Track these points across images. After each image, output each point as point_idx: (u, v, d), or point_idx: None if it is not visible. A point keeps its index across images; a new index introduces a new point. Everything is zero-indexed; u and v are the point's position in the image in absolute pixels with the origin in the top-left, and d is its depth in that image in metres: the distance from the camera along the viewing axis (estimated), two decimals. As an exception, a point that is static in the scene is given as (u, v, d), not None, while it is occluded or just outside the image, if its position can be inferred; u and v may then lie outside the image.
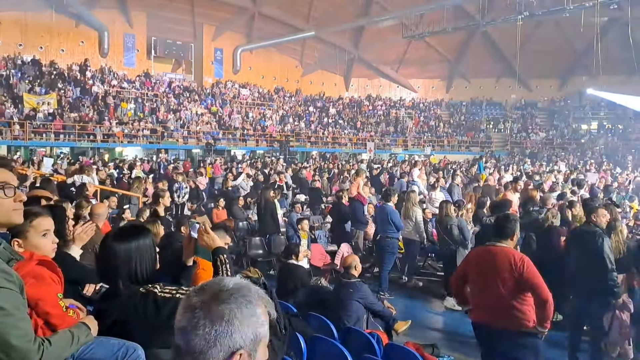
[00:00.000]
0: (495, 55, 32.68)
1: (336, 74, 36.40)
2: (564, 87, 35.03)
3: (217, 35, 31.46)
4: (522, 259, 3.83)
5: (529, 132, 32.96)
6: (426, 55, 33.95)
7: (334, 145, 29.94)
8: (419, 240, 8.62)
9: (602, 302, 5.17)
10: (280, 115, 30.65)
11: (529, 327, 3.76)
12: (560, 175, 15.14)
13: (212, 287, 1.14)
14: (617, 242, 6.10)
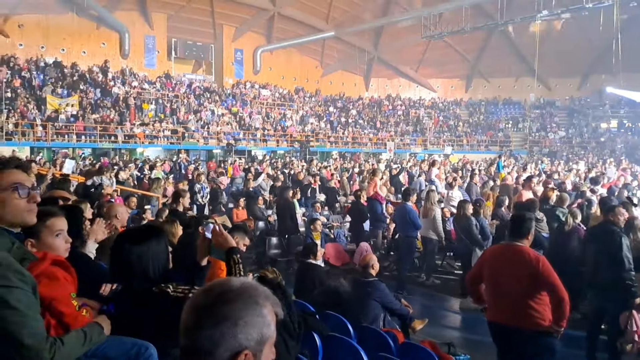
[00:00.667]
0: (514, 55, 32.39)
1: (356, 74, 36.44)
2: (584, 86, 34.57)
3: (237, 36, 31.78)
4: (537, 257, 3.85)
5: (548, 131, 32.61)
6: (445, 55, 33.82)
7: (354, 145, 30.03)
8: (437, 239, 8.67)
9: (620, 301, 5.18)
10: (300, 116, 30.85)
11: (545, 326, 3.77)
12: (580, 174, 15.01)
13: (218, 288, 1.13)
14: (636, 241, 6.09)
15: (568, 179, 12.57)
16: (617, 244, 5.23)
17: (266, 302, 1.13)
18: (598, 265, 5.43)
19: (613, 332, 5.27)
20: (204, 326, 1.08)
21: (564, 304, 3.75)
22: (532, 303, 3.79)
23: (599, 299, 5.42)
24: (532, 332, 3.80)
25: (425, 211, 8.74)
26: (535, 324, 3.78)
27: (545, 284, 3.77)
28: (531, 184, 10.28)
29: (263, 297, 1.13)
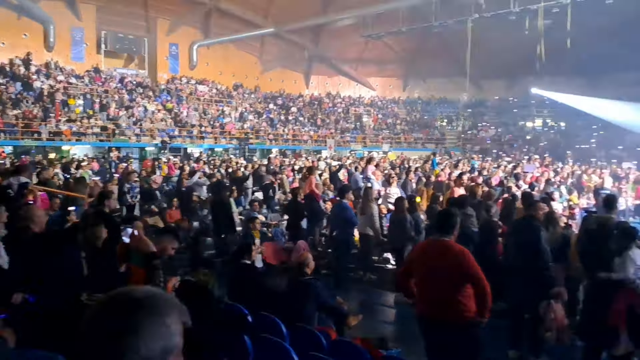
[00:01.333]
0: (448, 56, 33.48)
1: (296, 72, 36.44)
2: (512, 87, 36.34)
3: (172, 30, 30.85)
4: (462, 251, 3.98)
5: (480, 129, 34.08)
6: (383, 55, 34.52)
7: (295, 142, 30.00)
8: (375, 235, 8.82)
9: (540, 291, 5.48)
10: (239, 113, 30.43)
11: (470, 317, 3.91)
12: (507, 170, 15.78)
13: (120, 297, 1.08)
14: (555, 234, 6.47)
15: (496, 175, 13.17)
16: (536, 237, 5.52)
17: (171, 312, 1.08)
18: (519, 257, 5.72)
19: (534, 321, 5.57)
20: (105, 338, 1.03)
21: (486, 296, 3.90)
22: (458, 296, 3.90)
23: (521, 289, 5.70)
24: (458, 324, 3.92)
25: (362, 208, 8.87)
26: (461, 316, 3.90)
27: (470, 277, 3.90)
28: (462, 181, 10.67)
29: (168, 306, 1.09)
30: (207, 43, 31.58)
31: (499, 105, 36.84)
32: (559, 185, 14.23)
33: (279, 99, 34.32)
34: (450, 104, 36.99)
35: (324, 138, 29.89)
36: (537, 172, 16.29)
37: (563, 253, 6.35)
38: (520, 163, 19.67)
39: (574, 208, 11.29)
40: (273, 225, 10.12)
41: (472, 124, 34.95)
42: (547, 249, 5.58)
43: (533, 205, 6.02)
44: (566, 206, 11.33)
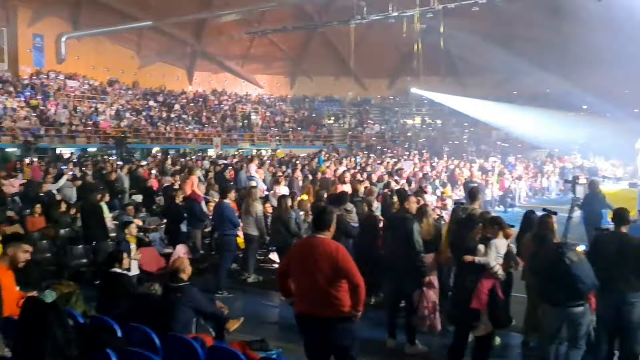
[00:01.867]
0: (333, 55, 34.40)
1: (178, 67, 34.95)
2: (393, 86, 38.36)
3: (35, 20, 27.94)
4: (337, 247, 4.03)
5: (365, 126, 35.45)
6: (270, 52, 34.46)
7: (178, 141, 28.78)
8: (260, 235, 8.70)
9: (413, 281, 5.76)
10: (115, 110, 28.44)
11: (345, 312, 3.97)
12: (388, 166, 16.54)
13: None
14: (427, 226, 6.81)
15: (378, 171, 13.71)
16: (410, 230, 5.78)
17: None
18: (394, 250, 5.95)
19: (408, 310, 5.83)
20: None
21: (359, 290, 3.98)
22: (333, 291, 3.95)
23: (396, 280, 5.94)
24: (334, 319, 3.97)
25: (246, 208, 8.70)
26: (337, 310, 3.95)
27: (344, 272, 3.95)
28: (345, 177, 10.93)
29: None
30: (76, 35, 28.95)
31: (382, 104, 38.66)
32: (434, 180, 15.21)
33: (160, 95, 32.68)
34: (337, 102, 38.04)
35: (209, 136, 29.07)
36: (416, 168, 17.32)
37: (435, 243, 6.71)
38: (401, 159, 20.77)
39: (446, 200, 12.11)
40: (151, 230, 9.55)
41: (358, 122, 36.25)
42: (420, 240, 5.85)
43: (406, 200, 6.29)
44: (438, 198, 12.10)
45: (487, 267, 5.27)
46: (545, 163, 24.79)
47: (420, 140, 33.11)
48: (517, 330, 6.03)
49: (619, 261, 4.96)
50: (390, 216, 6.94)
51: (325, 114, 36.56)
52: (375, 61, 33.32)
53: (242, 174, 12.17)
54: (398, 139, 34.04)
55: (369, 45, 31.24)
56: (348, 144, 32.89)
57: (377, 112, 38.11)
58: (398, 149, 29.66)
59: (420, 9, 25.18)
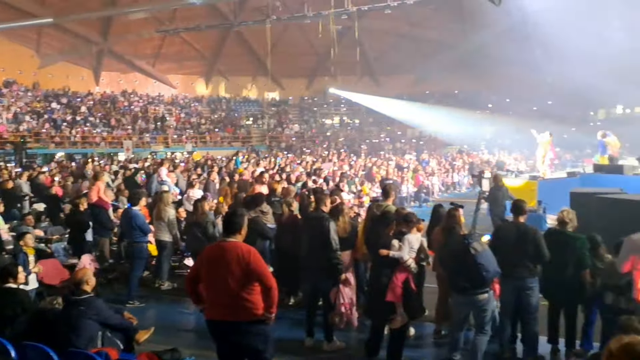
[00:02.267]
0: (250, 55, 34.05)
1: (83, 67, 32.85)
2: (311, 86, 38.69)
3: None
4: (249, 250, 3.97)
5: (284, 127, 35.41)
6: (183, 51, 33.35)
7: (85, 145, 27.07)
8: (173, 241, 8.39)
9: (330, 279, 5.78)
10: (12, 113, 26.21)
11: (259, 315, 3.94)
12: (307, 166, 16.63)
13: None
14: (344, 224, 6.87)
15: (297, 172, 13.72)
16: (326, 229, 5.81)
17: None
18: (311, 249, 5.95)
19: (326, 308, 5.85)
20: None
21: (272, 292, 3.96)
22: (245, 295, 3.90)
23: (313, 279, 5.94)
24: (247, 323, 3.92)
25: (158, 213, 8.36)
26: (250, 314, 3.91)
27: (256, 274, 3.91)
28: (263, 178, 10.80)
29: None
30: (-34, 31, 26.44)
31: (301, 104, 38.85)
32: (352, 178, 15.50)
33: (64, 97, 30.56)
34: (255, 103, 37.69)
35: (119, 140, 27.65)
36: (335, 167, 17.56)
37: (351, 240, 6.79)
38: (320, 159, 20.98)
39: (364, 198, 12.39)
40: (54, 240, 8.87)
41: (277, 122, 36.14)
42: (336, 238, 5.89)
43: (322, 199, 6.31)
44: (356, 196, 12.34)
45: (401, 261, 5.42)
46: (456, 159, 26.17)
47: (339, 140, 33.64)
48: (430, 319, 6.25)
49: (518, 249, 5.29)
50: (306, 216, 6.94)
51: (243, 114, 36.06)
52: (293, 61, 33.44)
53: (154, 178, 11.66)
54: (317, 138, 34.36)
55: (285, 45, 31.28)
56: (267, 144, 32.70)
57: (296, 112, 38.23)
58: (318, 148, 29.92)
59: (335, 10, 25.62)
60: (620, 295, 4.90)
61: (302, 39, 31.93)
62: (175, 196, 10.56)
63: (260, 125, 35.55)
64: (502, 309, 5.49)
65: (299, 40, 31.97)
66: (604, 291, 5.04)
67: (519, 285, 5.30)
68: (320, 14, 25.92)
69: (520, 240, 5.32)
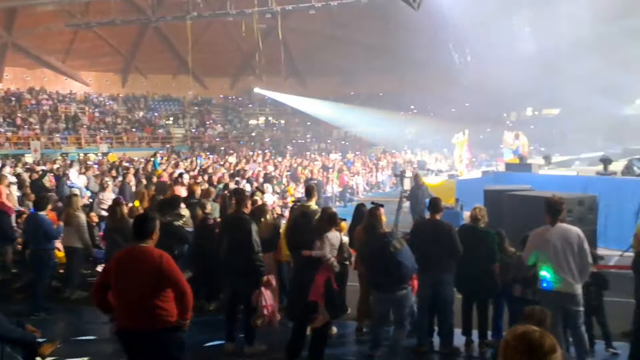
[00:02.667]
0: (170, 52, 32.89)
1: (-17, 62, 30.19)
2: (235, 85, 38.06)
3: None
4: (161, 256, 3.82)
5: (207, 127, 34.54)
6: (97, 47, 31.43)
7: (-14, 146, 24.90)
8: (84, 247, 7.89)
9: (251, 282, 5.66)
10: None
11: (173, 322, 3.80)
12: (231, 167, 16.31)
13: None
14: (265, 225, 6.79)
15: (219, 173, 13.40)
16: (247, 230, 5.69)
17: None
18: (232, 251, 5.80)
19: (247, 311, 5.73)
20: None
21: (186, 297, 3.84)
22: (158, 302, 3.75)
23: (234, 282, 5.79)
24: (160, 331, 3.77)
25: (67, 218, 7.83)
26: (163, 321, 3.77)
27: (169, 280, 3.78)
28: (183, 180, 10.46)
29: None
30: None
31: (224, 104, 38.11)
32: (278, 179, 15.41)
33: (-42, 94, 27.95)
34: (176, 102, 36.45)
35: (26, 140, 25.68)
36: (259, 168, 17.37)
37: (273, 242, 6.72)
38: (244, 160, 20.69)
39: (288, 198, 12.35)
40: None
41: (199, 122, 35.17)
42: (258, 240, 5.79)
43: (242, 200, 6.17)
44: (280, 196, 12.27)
45: (323, 259, 5.43)
46: (380, 159, 26.85)
47: (264, 140, 33.36)
48: (352, 318, 6.31)
49: (434, 245, 5.46)
50: (227, 217, 6.77)
51: (163, 114, 34.74)
52: (216, 60, 32.72)
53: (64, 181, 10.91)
54: (242, 139, 33.86)
55: (208, 43, 30.54)
56: (189, 145, 31.70)
57: (219, 112, 37.42)
58: (242, 149, 29.48)
59: (259, 8, 25.39)
60: (527, 287, 5.21)
61: (225, 37, 31.34)
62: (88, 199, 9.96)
63: (182, 125, 34.40)
64: (420, 303, 5.64)
65: (223, 39, 31.35)
66: (513, 283, 5.32)
67: (435, 280, 5.48)
68: (244, 12, 25.62)
69: (436, 237, 5.50)
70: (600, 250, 7.93)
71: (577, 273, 4.70)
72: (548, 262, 4.75)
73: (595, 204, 8.86)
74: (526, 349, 1.66)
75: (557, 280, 4.71)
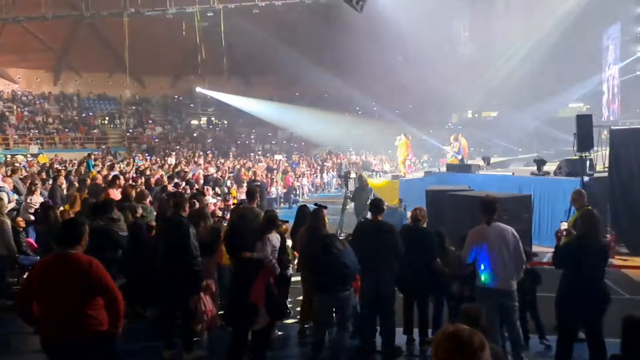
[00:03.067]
0: (106, 49, 31.54)
1: None
2: (176, 85, 36.98)
3: None
4: (90, 262, 3.66)
5: (145, 127, 33.35)
6: (25, 43, 29.57)
7: None
8: (9, 254, 7.39)
9: (190, 287, 5.46)
10: None
11: (104, 330, 3.67)
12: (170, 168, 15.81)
13: None
14: (205, 228, 6.59)
15: (157, 174, 12.93)
16: (185, 234, 5.49)
17: None
18: (169, 255, 5.58)
19: (185, 317, 5.52)
20: None
21: (117, 305, 3.73)
22: (87, 310, 3.61)
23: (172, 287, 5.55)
24: (90, 339, 3.62)
25: (-10, 224, 7.28)
26: (93, 330, 3.62)
27: (99, 288, 3.65)
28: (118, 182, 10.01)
29: None
30: None
31: (165, 103, 36.96)
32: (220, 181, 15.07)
33: None
34: (112, 101, 34.96)
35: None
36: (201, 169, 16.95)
37: (213, 245, 6.52)
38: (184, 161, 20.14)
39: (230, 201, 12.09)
40: None
41: (138, 122, 33.91)
42: (196, 244, 5.60)
43: (180, 203, 5.95)
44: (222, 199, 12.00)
45: (265, 261, 5.33)
46: (326, 160, 26.95)
47: (207, 141, 32.62)
48: (294, 320, 6.22)
49: (376, 246, 5.48)
50: (164, 221, 6.51)
51: (99, 113, 33.20)
52: (155, 58, 31.67)
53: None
54: (183, 140, 32.94)
55: (147, 40, 29.56)
56: (126, 146, 30.45)
57: (159, 112, 36.22)
58: (184, 150, 28.68)
59: (200, 6, 24.86)
60: (465, 284, 5.33)
61: (165, 35, 30.37)
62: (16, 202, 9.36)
63: (119, 125, 33.02)
64: (362, 303, 5.64)
65: (163, 36, 30.34)
66: (451, 281, 5.42)
67: (377, 280, 5.49)
68: (184, 10, 25.01)
69: (378, 237, 5.51)
70: (534, 247, 8.26)
71: (512, 270, 4.86)
72: (485, 260, 4.87)
73: (530, 203, 9.29)
74: (455, 347, 1.70)
75: (494, 278, 4.84)
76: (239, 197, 13.40)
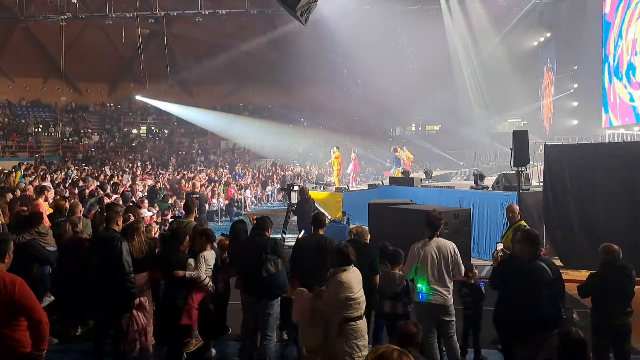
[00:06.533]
0: (41, 55, 30.04)
1: None
2: (114, 92, 35.67)
3: None
4: (13, 281, 3.47)
5: (82, 136, 31.89)
6: (-48, 45, 27.80)
7: None
8: None
9: (121, 304, 5.21)
10: None
11: (26, 353, 3.51)
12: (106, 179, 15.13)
13: None
14: (139, 243, 6.29)
15: (92, 185, 12.33)
16: (118, 250, 5.27)
17: None
18: (100, 272, 5.32)
19: (117, 336, 5.27)
20: None
21: (42, 326, 3.54)
22: (8, 332, 3.45)
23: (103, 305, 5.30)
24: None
25: None
26: (15, 353, 3.47)
27: (22, 308, 3.46)
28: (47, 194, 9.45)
29: None
30: None
31: (102, 111, 35.53)
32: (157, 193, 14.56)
33: None
34: (47, 108, 33.22)
35: None
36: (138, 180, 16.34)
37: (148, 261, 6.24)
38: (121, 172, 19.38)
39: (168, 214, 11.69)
40: None
41: (73, 130, 32.35)
42: (129, 259, 5.38)
43: (112, 217, 5.68)
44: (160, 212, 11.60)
45: (197, 280, 5.17)
46: (270, 172, 26.71)
47: (146, 151, 31.54)
48: (233, 338, 6.04)
49: (317, 260, 5.43)
50: (96, 236, 6.19)
51: (32, 120, 31.42)
52: (93, 64, 30.52)
53: None
54: (121, 149, 31.70)
55: (84, 46, 28.50)
56: (61, 155, 28.94)
57: (96, 120, 34.75)
58: (121, 160, 27.59)
59: (141, 12, 24.18)
60: (397, 301, 5.31)
61: (104, 41, 29.43)
62: None
63: (53, 133, 31.39)
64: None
65: (101, 42, 29.38)
66: (382, 299, 5.41)
67: None
68: (124, 16, 24.26)
69: (319, 251, 5.47)
70: (473, 260, 8.44)
71: (449, 285, 4.92)
72: (423, 274, 4.91)
73: (469, 217, 9.52)
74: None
75: (431, 292, 4.89)
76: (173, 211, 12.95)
